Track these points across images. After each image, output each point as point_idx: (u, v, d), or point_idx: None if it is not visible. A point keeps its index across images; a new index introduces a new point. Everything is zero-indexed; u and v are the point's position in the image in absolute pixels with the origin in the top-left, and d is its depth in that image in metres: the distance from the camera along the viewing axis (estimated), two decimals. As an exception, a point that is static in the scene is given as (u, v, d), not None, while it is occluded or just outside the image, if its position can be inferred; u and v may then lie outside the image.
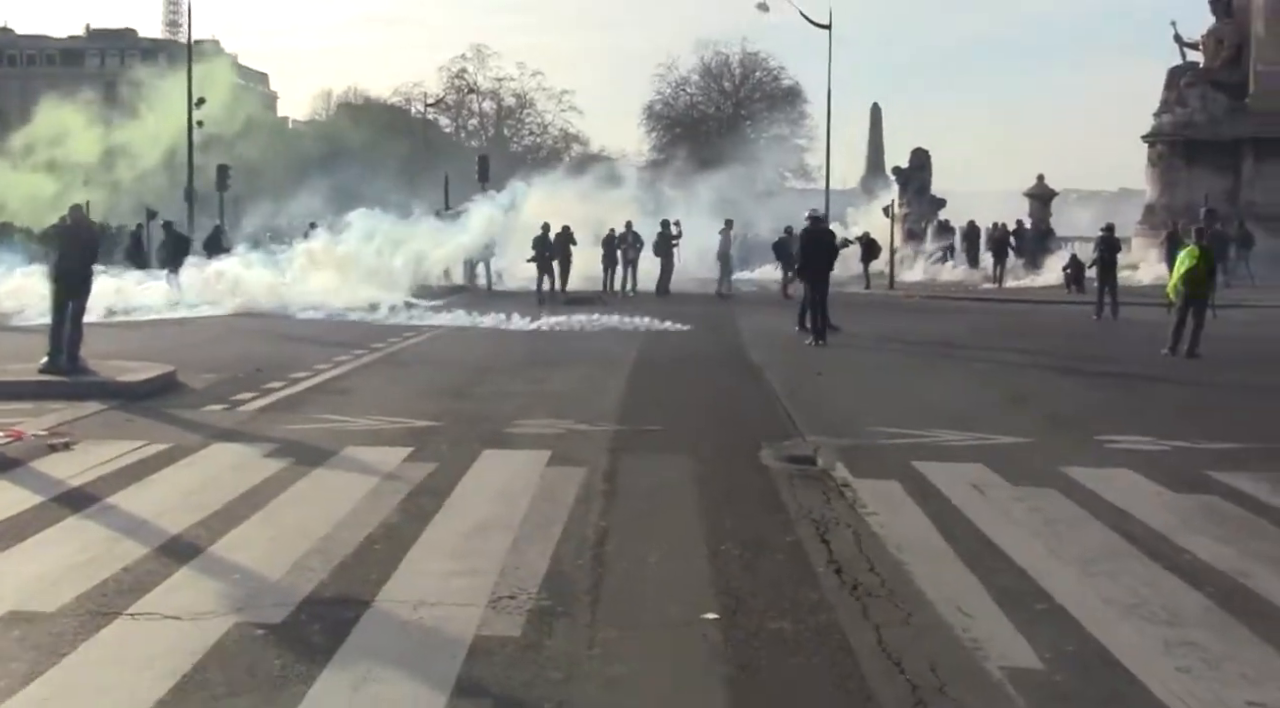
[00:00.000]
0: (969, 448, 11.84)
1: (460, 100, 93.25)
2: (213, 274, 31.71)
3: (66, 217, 16.47)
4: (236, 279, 31.21)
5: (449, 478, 9.95)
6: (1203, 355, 19.77)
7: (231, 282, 30.97)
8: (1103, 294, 29.98)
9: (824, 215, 23.18)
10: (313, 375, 16.66)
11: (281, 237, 38.78)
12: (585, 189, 42.96)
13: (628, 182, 48.49)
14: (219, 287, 30.66)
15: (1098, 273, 30.93)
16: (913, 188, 53.31)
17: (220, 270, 32.19)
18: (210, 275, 31.66)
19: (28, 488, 9.58)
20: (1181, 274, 20.41)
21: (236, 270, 32.09)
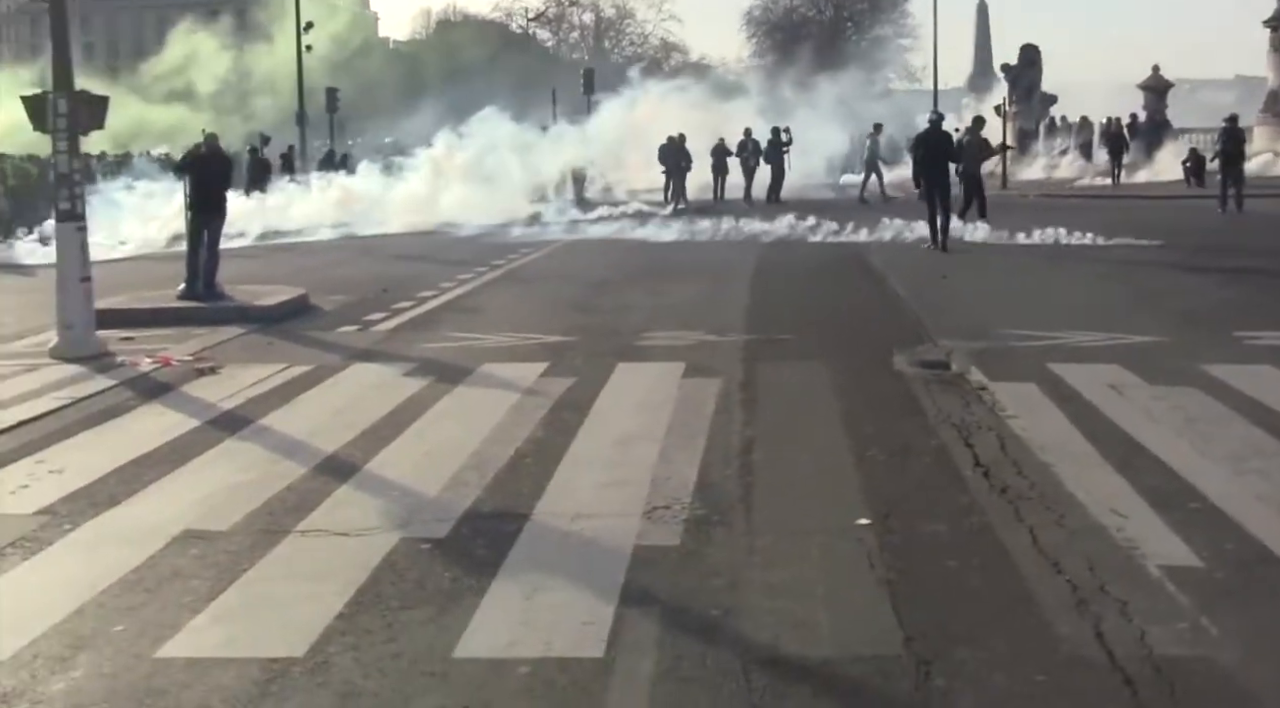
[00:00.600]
0: (1103, 348, 11.76)
1: (561, 13, 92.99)
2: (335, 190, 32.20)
3: (201, 145, 16.77)
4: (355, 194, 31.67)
5: (588, 392, 10.09)
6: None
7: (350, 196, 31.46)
8: (1226, 187, 29.37)
9: (943, 117, 22.63)
10: (439, 294, 16.89)
11: (402, 151, 39.00)
12: (696, 98, 42.70)
13: (743, 89, 48.03)
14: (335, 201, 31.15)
15: (1220, 165, 30.27)
16: (1022, 86, 52.24)
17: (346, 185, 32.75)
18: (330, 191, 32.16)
19: (182, 412, 9.87)
20: None
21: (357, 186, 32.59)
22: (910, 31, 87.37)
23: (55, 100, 12.98)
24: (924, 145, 22.25)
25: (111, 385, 11.06)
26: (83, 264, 12.91)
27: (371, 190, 32.43)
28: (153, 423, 9.51)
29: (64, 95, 13.03)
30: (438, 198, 31.41)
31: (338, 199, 31.31)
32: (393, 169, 34.71)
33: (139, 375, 11.52)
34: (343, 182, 33.53)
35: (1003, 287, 17.14)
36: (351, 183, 33.26)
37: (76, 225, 12.94)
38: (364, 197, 31.70)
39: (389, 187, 32.94)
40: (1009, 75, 53.20)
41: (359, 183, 33.29)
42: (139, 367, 11.86)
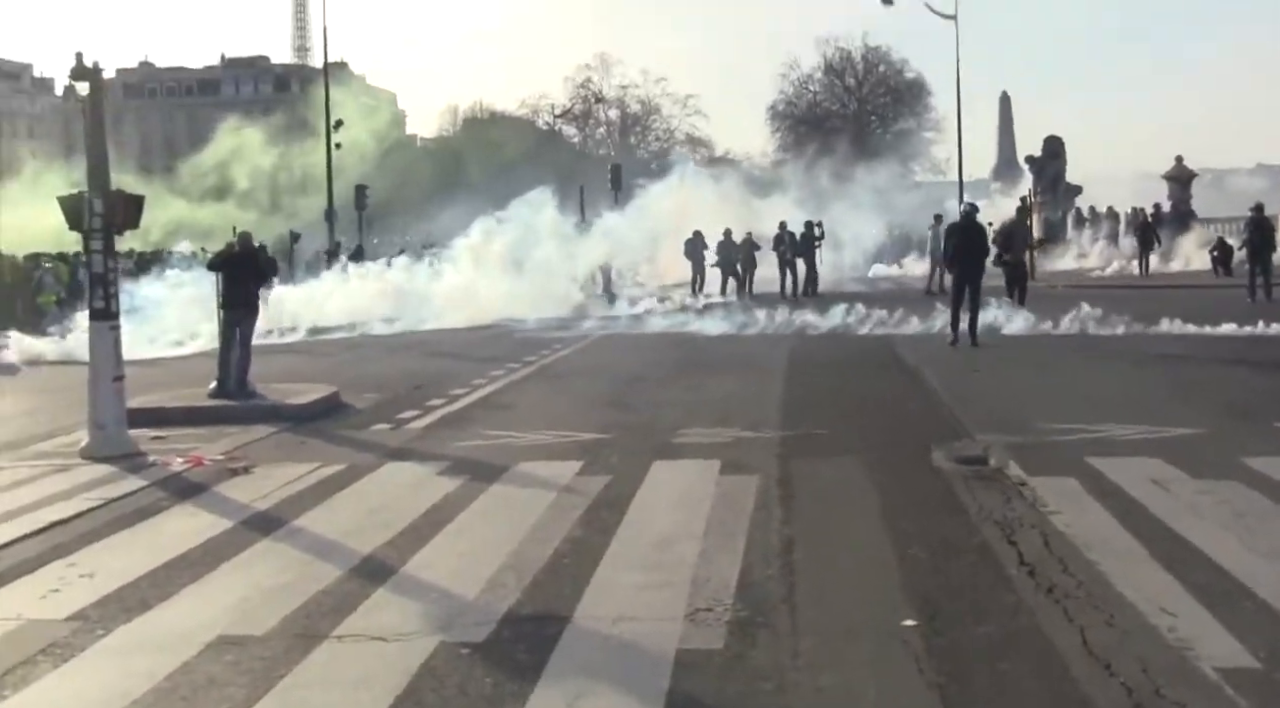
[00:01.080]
0: (1143, 442, 11.65)
1: (587, 110, 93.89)
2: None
3: (233, 243, 16.88)
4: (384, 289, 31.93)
5: (625, 490, 10.00)
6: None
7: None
8: (1254, 276, 29.35)
9: (976, 208, 22.50)
10: (472, 391, 16.86)
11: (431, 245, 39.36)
12: (726, 190, 43.08)
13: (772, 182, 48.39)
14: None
15: (1248, 255, 30.28)
16: (1047, 176, 52.48)
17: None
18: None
19: (215, 512, 9.82)
20: None
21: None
22: (934, 124, 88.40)
23: (91, 200, 13.07)
24: (960, 235, 21.70)
25: (143, 486, 11.02)
26: (116, 363, 12.94)
27: (404, 285, 32.63)
28: (185, 524, 9.46)
29: (100, 194, 13.13)
30: (472, 292, 31.63)
31: (372, 294, 31.45)
32: (426, 262, 35.07)
33: (171, 475, 11.49)
34: (376, 276, 33.74)
35: (1037, 379, 17.03)
36: (385, 277, 33.45)
37: (110, 324, 13.00)
38: (397, 292, 31.87)
39: (423, 281, 33.18)
40: (1034, 166, 53.44)
41: (393, 277, 33.49)
42: (171, 466, 11.84)
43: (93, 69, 14.70)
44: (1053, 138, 53.94)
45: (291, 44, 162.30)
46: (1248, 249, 30.32)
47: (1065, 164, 53.34)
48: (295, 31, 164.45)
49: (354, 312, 29.73)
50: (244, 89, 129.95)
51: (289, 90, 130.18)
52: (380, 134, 53.89)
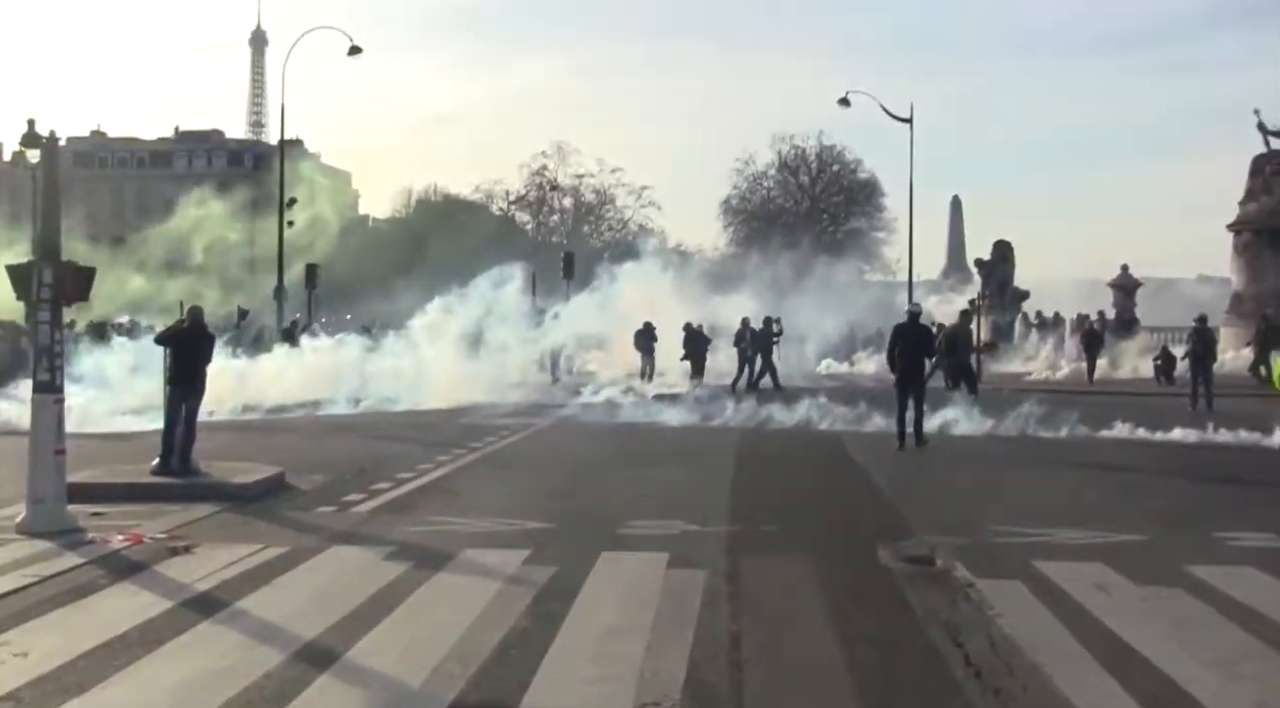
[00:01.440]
0: (1087, 546, 11.72)
1: (541, 197, 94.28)
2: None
3: (183, 319, 16.76)
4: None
5: (572, 581, 9.94)
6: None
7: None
8: (1196, 386, 29.73)
9: (920, 309, 22.69)
10: (418, 476, 16.75)
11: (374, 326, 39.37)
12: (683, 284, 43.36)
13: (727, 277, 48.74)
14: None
15: (1190, 364, 30.71)
16: (995, 280, 53.12)
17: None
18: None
19: (155, 592, 9.67)
20: None
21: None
22: (885, 224, 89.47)
23: (40, 270, 12.97)
24: (904, 338, 21.29)
25: (82, 563, 10.84)
26: (58, 436, 12.77)
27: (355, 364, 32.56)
28: (124, 604, 9.31)
29: (50, 264, 13.01)
30: (423, 374, 31.63)
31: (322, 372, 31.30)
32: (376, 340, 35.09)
33: (110, 553, 11.31)
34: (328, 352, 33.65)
35: (982, 480, 17.07)
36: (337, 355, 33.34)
37: (54, 397, 12.84)
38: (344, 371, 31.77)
39: (375, 361, 33.15)
40: (982, 270, 54.12)
41: (345, 355, 33.40)
42: (110, 544, 11.65)
43: (47, 137, 14.63)
44: (1002, 242, 54.68)
45: (247, 119, 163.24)
46: (1191, 359, 30.75)
47: (1013, 268, 54.03)
48: (251, 106, 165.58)
49: (302, 390, 29.55)
50: (197, 162, 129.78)
51: (242, 165, 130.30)
52: (340, 214, 53.93)
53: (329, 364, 32.30)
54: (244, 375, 29.58)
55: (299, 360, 32.64)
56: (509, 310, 35.52)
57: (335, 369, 31.92)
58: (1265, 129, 50.12)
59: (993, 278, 53.17)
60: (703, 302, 41.60)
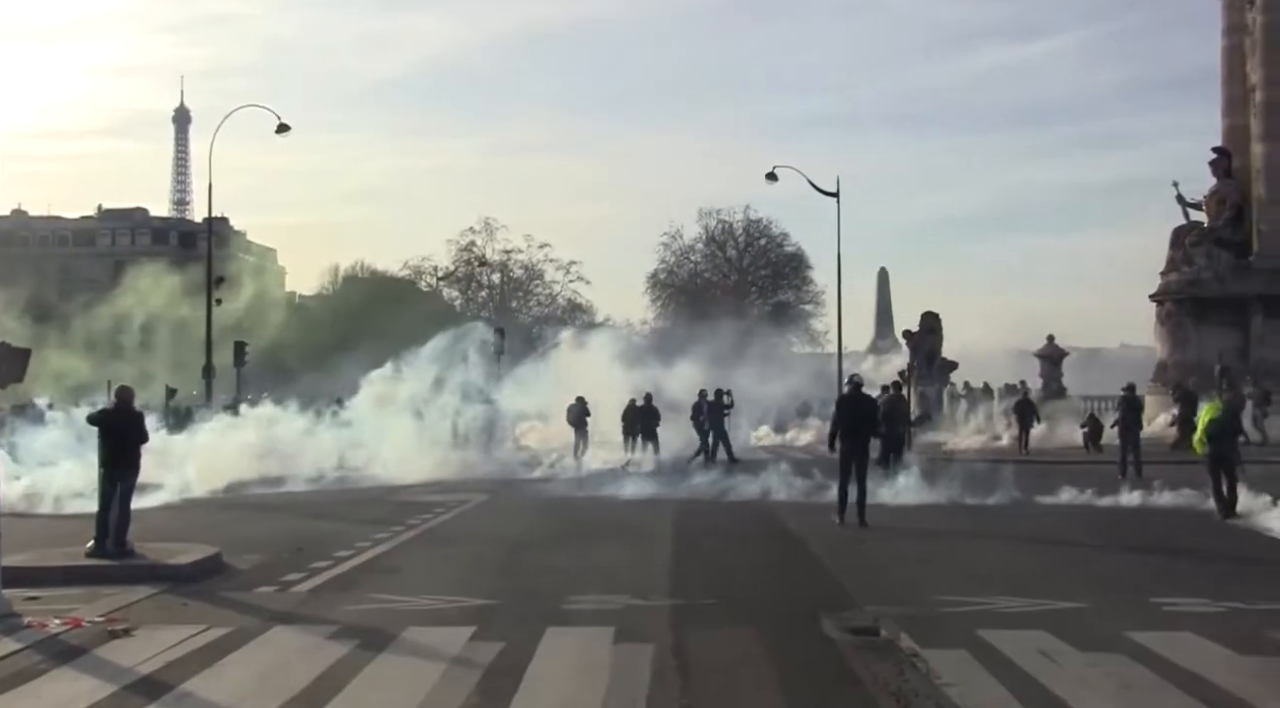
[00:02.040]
0: (1028, 614, 11.86)
1: (470, 273, 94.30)
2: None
3: (114, 401, 16.59)
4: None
5: (519, 658, 9.91)
6: (1242, 514, 19.86)
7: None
8: (1125, 453, 30.11)
9: (862, 381, 22.56)
10: (356, 554, 16.61)
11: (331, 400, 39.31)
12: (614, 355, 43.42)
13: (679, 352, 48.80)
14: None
15: (1120, 432, 31.10)
16: (923, 351, 53.51)
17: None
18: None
19: (98, 677, 9.54)
20: (1204, 429, 20.59)
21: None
22: (813, 297, 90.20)
23: (-25, 353, 12.87)
24: (847, 410, 20.81)
25: (19, 648, 10.67)
26: (-8, 520, 12.59)
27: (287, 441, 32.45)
28: (67, 689, 9.18)
29: (-15, 348, 12.92)
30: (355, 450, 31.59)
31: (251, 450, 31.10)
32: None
33: (48, 637, 11.14)
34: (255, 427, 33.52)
35: (921, 550, 17.16)
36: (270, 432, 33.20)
37: (-10, 481, 12.69)
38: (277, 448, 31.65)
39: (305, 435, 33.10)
40: (910, 342, 54.53)
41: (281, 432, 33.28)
42: (47, 628, 11.47)
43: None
44: (929, 314, 55.17)
45: (170, 197, 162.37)
46: (1120, 426, 31.16)
47: (941, 340, 54.46)
48: (175, 184, 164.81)
49: (232, 469, 29.25)
50: (121, 241, 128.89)
51: (167, 243, 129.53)
52: (268, 292, 53.92)
53: (255, 444, 32.03)
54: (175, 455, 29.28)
55: (224, 439, 32.31)
56: (471, 372, 35.97)
57: (263, 448, 31.70)
58: (1184, 201, 51.13)
59: (920, 349, 53.61)
60: (643, 374, 41.59)
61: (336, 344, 65.11)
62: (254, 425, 33.92)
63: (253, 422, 34.61)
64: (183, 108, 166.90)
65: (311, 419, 35.40)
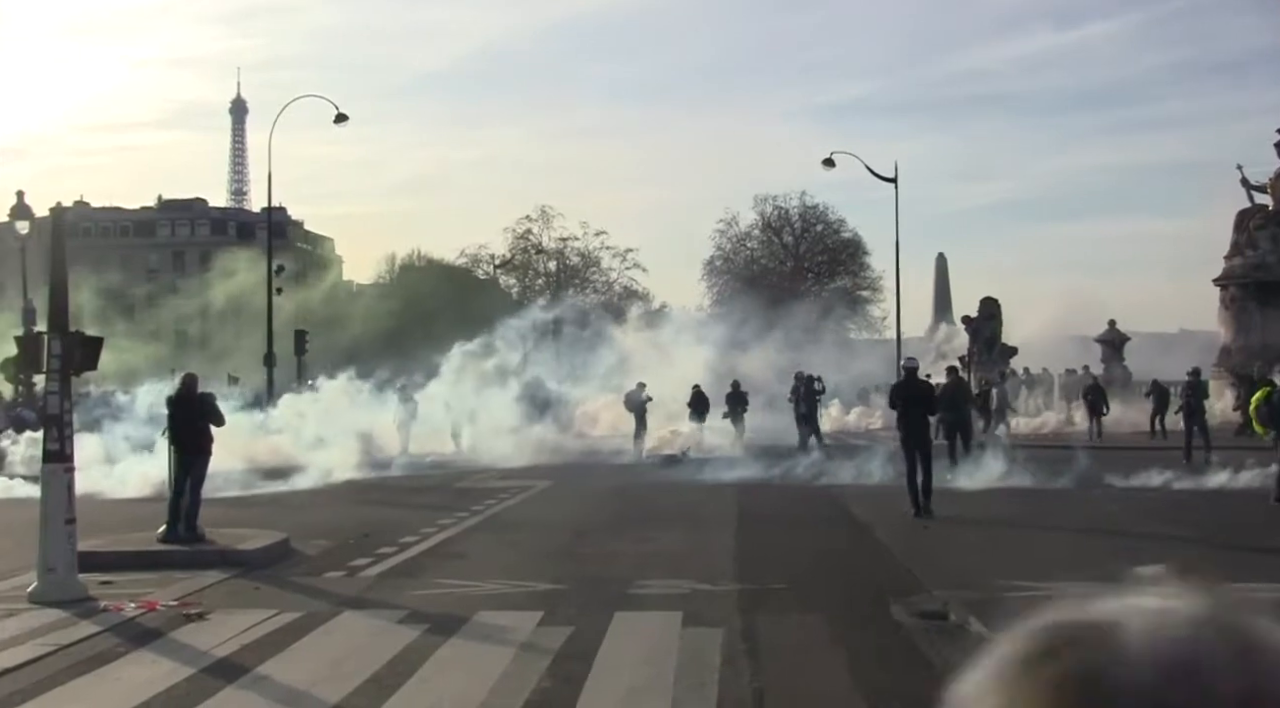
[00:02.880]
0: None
1: (527, 260, 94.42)
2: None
3: (182, 386, 16.80)
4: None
5: (589, 642, 9.96)
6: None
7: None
8: (1190, 437, 29.89)
9: (917, 364, 22.08)
10: (422, 540, 16.75)
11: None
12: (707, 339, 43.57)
13: (747, 337, 48.87)
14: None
15: (1184, 417, 30.86)
16: (983, 337, 53.10)
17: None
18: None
19: (175, 659, 9.67)
20: (1254, 411, 20.41)
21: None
22: (870, 283, 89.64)
23: (50, 341, 13.03)
24: (902, 395, 20.75)
25: (98, 631, 10.84)
26: (68, 506, 12.79)
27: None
28: (145, 671, 9.30)
29: (58, 336, 13.09)
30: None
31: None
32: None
33: (125, 621, 11.32)
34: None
35: (989, 536, 17.07)
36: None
37: (65, 466, 12.88)
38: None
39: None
40: (969, 327, 54.14)
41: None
42: (123, 612, 11.65)
43: (55, 208, 14.72)
44: (989, 299, 54.68)
45: (228, 187, 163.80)
46: (1184, 411, 30.93)
47: (1001, 325, 54.02)
48: (232, 175, 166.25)
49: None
50: (180, 231, 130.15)
51: (226, 234, 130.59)
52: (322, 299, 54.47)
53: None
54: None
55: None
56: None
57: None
58: (1248, 184, 50.57)
59: (980, 335, 53.21)
60: (710, 358, 41.59)
61: (397, 332, 65.58)
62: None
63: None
64: (239, 99, 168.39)
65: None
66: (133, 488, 23.44)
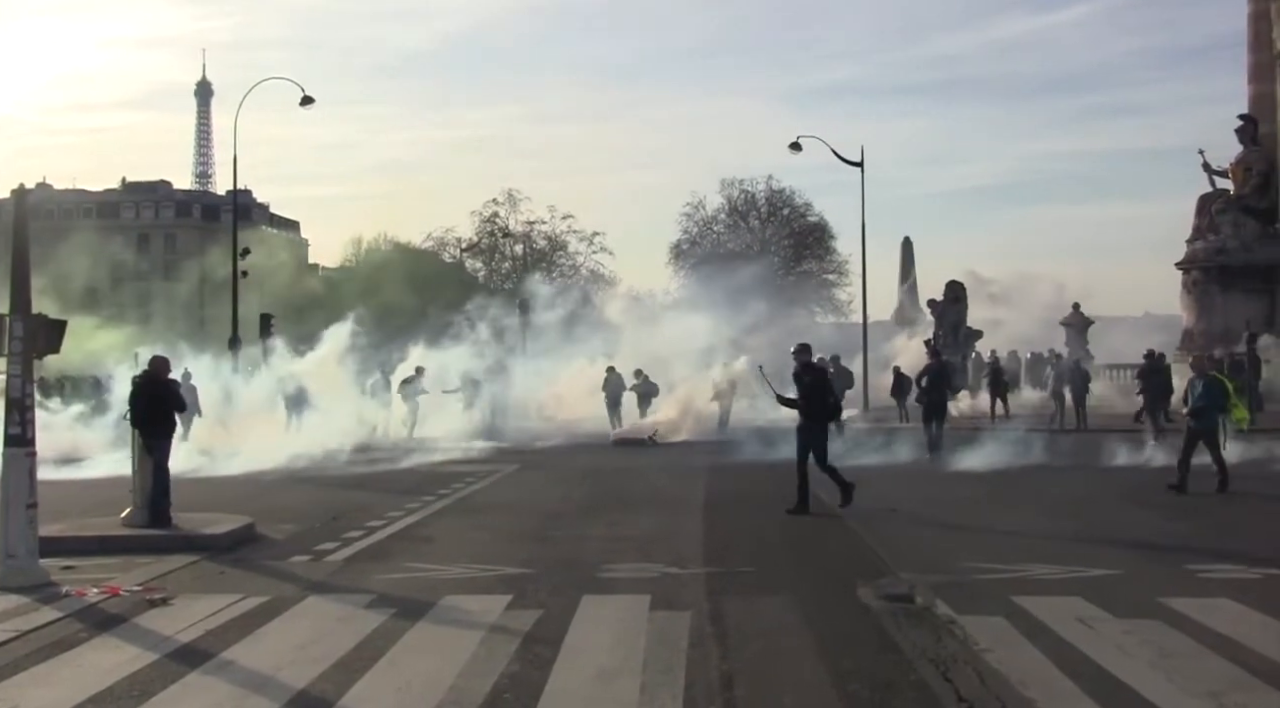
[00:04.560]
0: (1063, 581, 11.84)
1: (493, 244, 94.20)
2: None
3: (149, 367, 16.67)
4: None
5: (557, 625, 9.94)
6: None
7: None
8: (1156, 418, 30.11)
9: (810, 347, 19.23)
10: (389, 523, 16.69)
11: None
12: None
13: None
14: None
15: (1146, 399, 31.08)
16: (949, 321, 53.35)
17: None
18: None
19: (138, 645, 9.59)
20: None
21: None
22: (836, 267, 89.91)
23: (12, 323, 12.89)
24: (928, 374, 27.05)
25: (60, 617, 10.73)
26: (30, 491, 12.65)
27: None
28: (108, 657, 9.21)
29: (20, 318, 12.94)
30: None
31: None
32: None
33: (87, 606, 11.20)
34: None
35: (955, 519, 17.10)
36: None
37: (26, 451, 12.73)
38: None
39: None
40: (935, 310, 54.37)
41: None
42: (86, 597, 11.56)
43: (15, 190, 14.54)
44: (954, 283, 54.89)
45: (193, 170, 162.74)
46: (1145, 394, 31.17)
47: (966, 309, 54.28)
48: (197, 157, 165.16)
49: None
50: (144, 214, 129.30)
51: (190, 216, 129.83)
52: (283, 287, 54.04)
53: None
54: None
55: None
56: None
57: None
58: (1210, 169, 50.88)
59: (945, 318, 53.45)
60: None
61: (361, 316, 65.18)
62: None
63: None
64: (205, 81, 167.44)
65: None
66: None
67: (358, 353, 39.45)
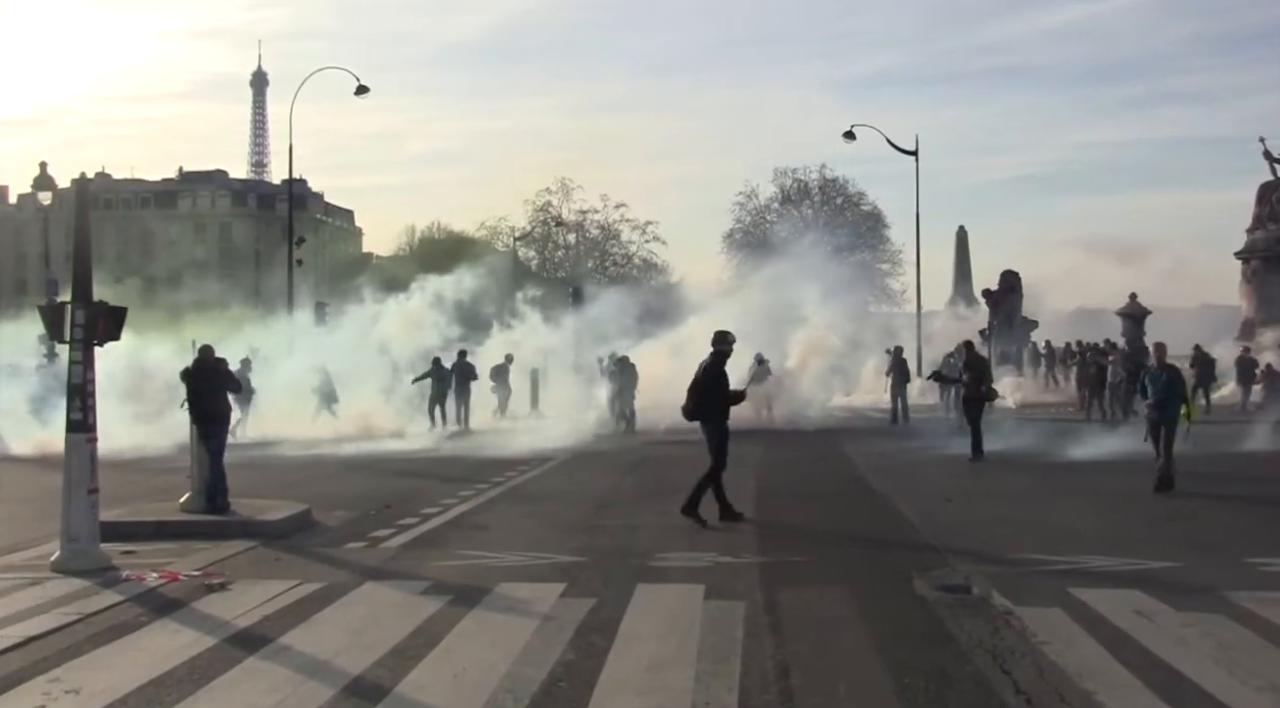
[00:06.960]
0: (1122, 574, 11.72)
1: (546, 233, 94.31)
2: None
3: (198, 357, 16.82)
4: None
5: (612, 614, 9.95)
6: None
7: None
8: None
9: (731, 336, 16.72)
10: (443, 511, 16.77)
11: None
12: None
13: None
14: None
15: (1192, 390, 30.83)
16: (1003, 311, 52.92)
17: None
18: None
19: (197, 629, 9.68)
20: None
21: None
22: (890, 256, 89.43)
23: (74, 310, 13.03)
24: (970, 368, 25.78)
25: (120, 601, 10.87)
26: (91, 476, 12.80)
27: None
28: (168, 641, 9.31)
29: (82, 305, 13.08)
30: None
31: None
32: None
33: (146, 591, 11.34)
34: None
35: (1010, 510, 16.94)
36: None
37: (88, 437, 12.87)
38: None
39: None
40: (990, 300, 53.95)
41: None
42: (145, 581, 11.69)
43: (78, 179, 14.71)
44: (1009, 273, 54.50)
45: (248, 159, 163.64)
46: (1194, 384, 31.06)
47: (1021, 299, 53.87)
48: (253, 147, 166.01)
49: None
50: (201, 202, 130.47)
51: (246, 205, 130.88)
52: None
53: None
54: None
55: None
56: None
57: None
58: (1271, 157, 50.24)
59: (1000, 308, 53.04)
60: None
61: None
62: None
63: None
64: (260, 71, 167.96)
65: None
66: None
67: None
